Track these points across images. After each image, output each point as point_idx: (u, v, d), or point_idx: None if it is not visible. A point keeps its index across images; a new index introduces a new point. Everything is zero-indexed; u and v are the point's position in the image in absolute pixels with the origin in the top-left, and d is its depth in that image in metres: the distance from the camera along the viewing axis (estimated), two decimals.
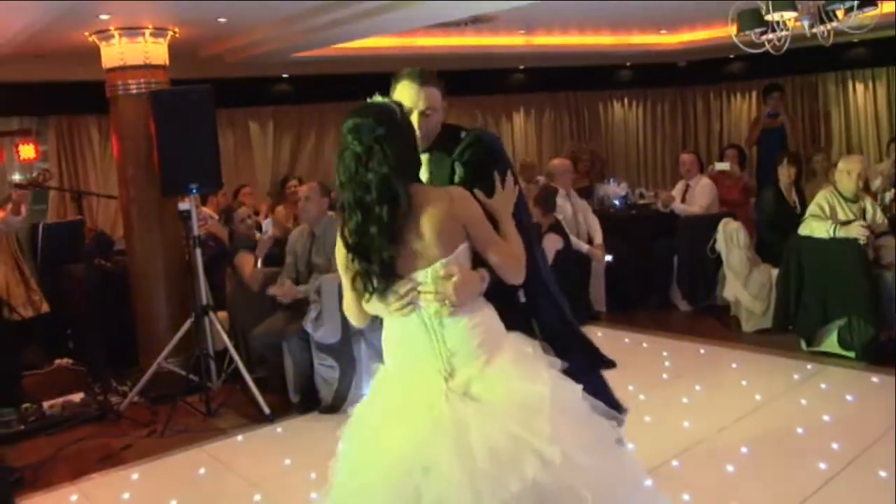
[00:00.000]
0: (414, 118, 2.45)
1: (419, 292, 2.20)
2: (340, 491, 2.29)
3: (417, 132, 2.42)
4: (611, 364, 3.04)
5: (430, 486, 2.06)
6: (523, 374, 2.20)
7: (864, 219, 5.44)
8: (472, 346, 2.21)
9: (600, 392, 2.64)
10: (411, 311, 2.23)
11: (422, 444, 2.10)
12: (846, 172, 5.52)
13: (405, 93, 2.52)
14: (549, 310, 2.72)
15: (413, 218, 2.17)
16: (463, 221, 2.23)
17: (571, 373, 2.36)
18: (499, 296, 2.34)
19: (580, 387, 2.28)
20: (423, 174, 2.55)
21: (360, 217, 2.15)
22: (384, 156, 2.13)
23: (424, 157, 2.56)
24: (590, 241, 6.95)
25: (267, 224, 5.44)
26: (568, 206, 6.91)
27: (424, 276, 2.20)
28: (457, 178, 2.49)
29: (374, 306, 2.29)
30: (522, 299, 2.56)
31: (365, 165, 2.14)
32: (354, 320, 2.40)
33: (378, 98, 2.31)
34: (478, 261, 2.29)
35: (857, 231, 5.26)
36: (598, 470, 2.14)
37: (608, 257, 6.92)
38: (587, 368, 2.79)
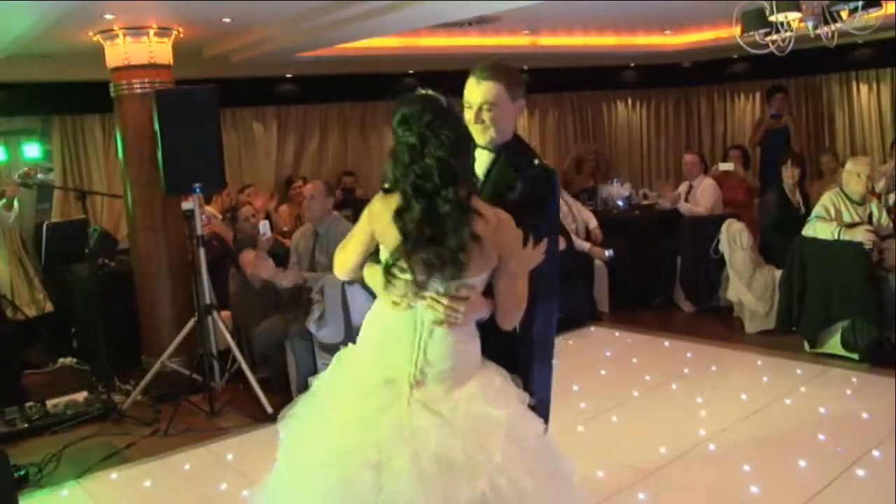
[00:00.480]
0: (470, 113, 2.51)
1: (433, 299, 2.17)
2: (286, 469, 2.32)
3: (477, 126, 2.49)
4: None
5: (385, 483, 2.05)
6: (486, 400, 2.18)
7: (871, 222, 5.43)
8: (447, 367, 2.20)
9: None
10: (407, 307, 2.21)
11: (379, 441, 2.09)
12: (855, 174, 5.50)
13: (467, 88, 2.57)
14: (543, 318, 2.61)
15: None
16: (501, 250, 2.20)
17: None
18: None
19: (541, 422, 2.29)
20: (480, 169, 2.52)
21: (423, 205, 2.10)
22: (439, 141, 2.11)
23: (488, 155, 2.56)
24: (587, 236, 6.99)
25: (264, 226, 5.45)
26: (564, 206, 6.95)
27: (445, 288, 2.18)
28: (513, 195, 2.43)
29: (374, 281, 2.28)
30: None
31: (421, 153, 2.11)
32: (341, 273, 2.43)
33: (421, 91, 2.27)
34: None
35: (863, 235, 5.25)
36: (544, 499, 2.14)
37: (609, 252, 6.94)
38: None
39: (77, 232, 6.30)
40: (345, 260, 2.40)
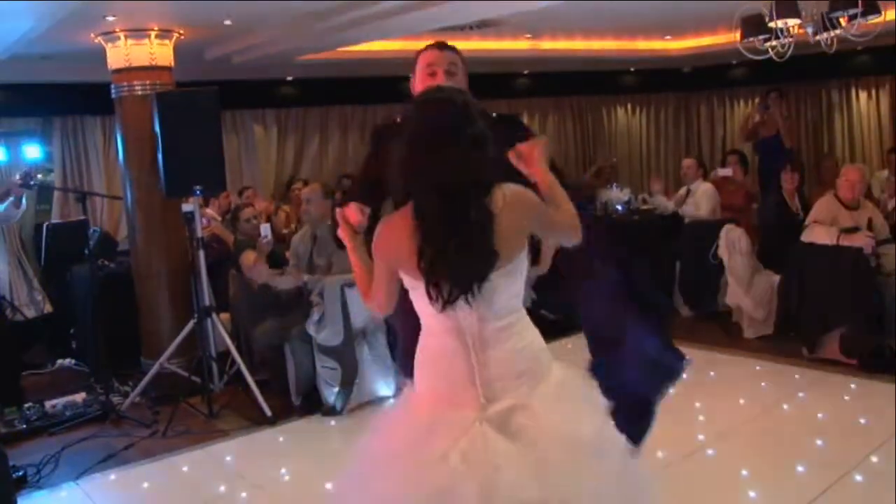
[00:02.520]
0: (439, 76, 2.58)
1: None
2: None
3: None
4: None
5: None
6: (569, 413, 1.98)
7: (870, 228, 5.44)
8: (517, 372, 2.00)
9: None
10: (451, 326, 2.00)
11: (447, 486, 1.88)
12: (846, 180, 5.55)
13: (428, 56, 2.67)
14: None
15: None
16: (529, 227, 2.02)
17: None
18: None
19: (622, 436, 2.11)
20: None
21: (449, 207, 1.91)
22: (475, 136, 1.96)
23: None
24: None
25: (265, 230, 5.46)
26: None
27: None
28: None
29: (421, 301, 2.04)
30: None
31: (457, 149, 1.94)
32: (377, 309, 2.18)
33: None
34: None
35: (862, 240, 5.26)
36: None
37: None
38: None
39: (77, 233, 6.31)
40: (376, 297, 2.15)
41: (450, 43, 2.76)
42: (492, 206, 1.94)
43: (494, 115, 2.67)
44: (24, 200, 5.28)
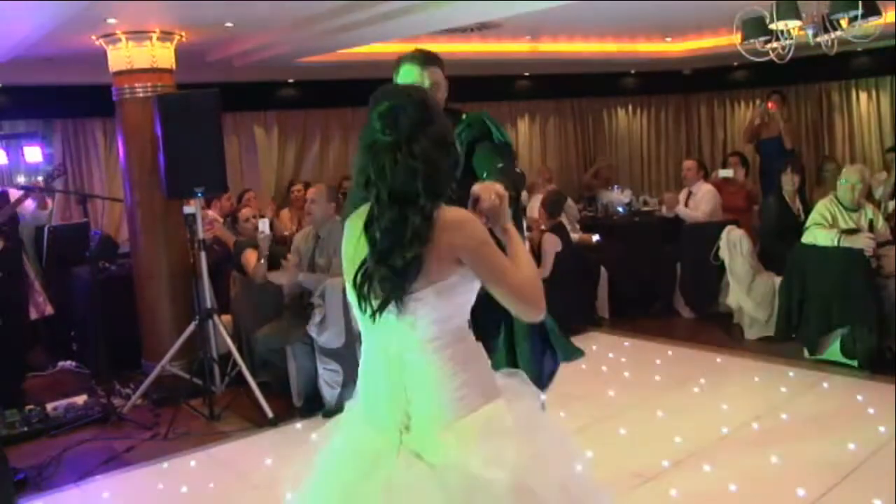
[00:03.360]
0: None
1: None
2: None
3: None
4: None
5: None
6: (485, 453, 1.81)
7: (871, 230, 5.44)
8: (439, 399, 1.86)
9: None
10: (378, 339, 1.91)
11: None
12: (845, 182, 5.56)
13: (411, 73, 2.60)
14: None
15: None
16: (460, 253, 1.84)
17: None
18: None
19: (577, 461, 2.02)
20: None
21: (396, 213, 1.79)
22: (429, 141, 1.82)
23: None
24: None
25: (262, 224, 5.48)
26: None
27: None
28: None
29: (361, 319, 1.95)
30: None
31: (408, 153, 1.79)
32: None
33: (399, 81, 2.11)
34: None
35: (863, 242, 5.27)
36: None
37: (595, 236, 7.25)
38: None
39: (78, 235, 6.32)
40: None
41: (440, 45, 2.77)
42: (435, 217, 1.81)
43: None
44: (49, 201, 5.33)
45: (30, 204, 6.09)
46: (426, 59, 2.68)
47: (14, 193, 5.75)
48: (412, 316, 1.84)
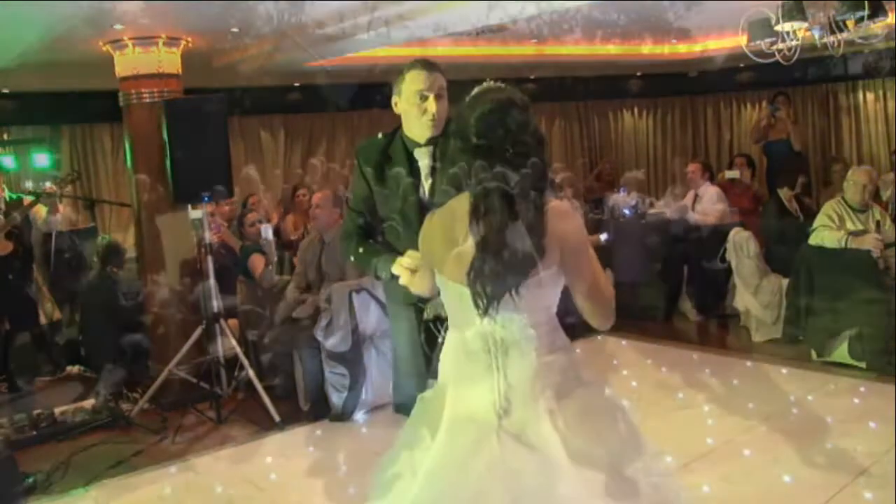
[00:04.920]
0: (431, 102, 2.58)
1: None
2: None
3: (434, 116, 2.58)
4: None
5: None
6: (586, 434, 1.92)
7: (878, 231, 5.43)
8: (538, 384, 1.94)
9: None
10: (476, 325, 1.96)
11: (477, 491, 1.86)
12: (853, 183, 5.55)
13: (418, 80, 2.65)
14: None
15: None
16: (565, 243, 1.96)
17: None
18: None
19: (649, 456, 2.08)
20: (425, 162, 2.60)
21: (508, 210, 1.87)
22: (533, 141, 1.93)
23: (426, 150, 2.66)
24: None
25: (265, 231, 5.51)
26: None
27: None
28: None
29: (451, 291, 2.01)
30: None
31: (515, 153, 1.89)
32: (422, 290, 2.25)
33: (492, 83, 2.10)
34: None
35: (871, 243, 5.26)
36: None
37: (603, 235, 7.18)
38: None
39: (86, 240, 6.34)
40: (419, 286, 2.24)
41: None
42: (545, 210, 1.91)
43: None
44: (60, 205, 5.35)
45: (41, 210, 6.11)
46: (432, 66, 2.72)
47: (27, 199, 5.79)
48: (521, 302, 1.91)
